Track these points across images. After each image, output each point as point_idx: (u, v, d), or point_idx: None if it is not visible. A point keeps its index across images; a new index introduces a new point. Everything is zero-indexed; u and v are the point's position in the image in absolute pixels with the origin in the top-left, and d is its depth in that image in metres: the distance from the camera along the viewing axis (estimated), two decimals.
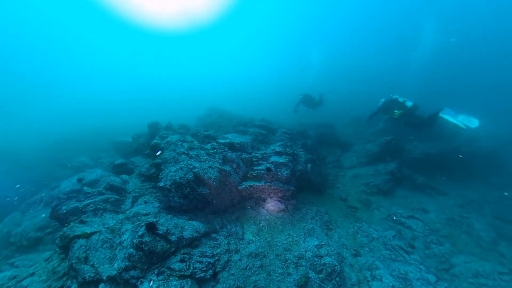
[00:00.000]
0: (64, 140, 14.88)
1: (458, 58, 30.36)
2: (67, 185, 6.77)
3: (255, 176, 6.03)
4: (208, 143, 7.01)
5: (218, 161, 5.86)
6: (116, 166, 7.30)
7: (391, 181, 8.66)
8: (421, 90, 19.30)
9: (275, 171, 6.09)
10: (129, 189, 6.27)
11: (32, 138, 15.87)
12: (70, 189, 6.63)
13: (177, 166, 5.50)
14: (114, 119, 21.00)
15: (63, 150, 13.77)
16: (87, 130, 16.66)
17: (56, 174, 11.74)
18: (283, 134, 9.38)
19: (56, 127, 18.70)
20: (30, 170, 11.97)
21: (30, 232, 6.93)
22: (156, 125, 8.96)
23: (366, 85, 24.86)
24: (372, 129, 12.26)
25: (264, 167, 6.17)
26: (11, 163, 12.42)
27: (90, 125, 18.08)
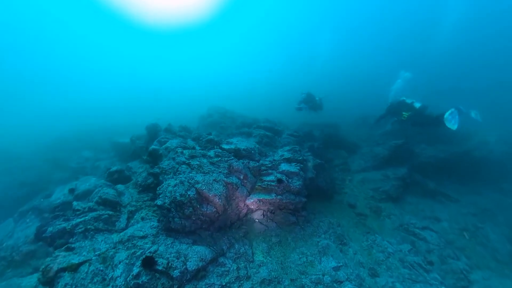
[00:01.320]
0: (63, 139, 13.89)
1: (471, 57, 28.61)
2: (58, 196, 5.93)
3: (264, 188, 5.22)
4: (211, 148, 6.14)
5: (223, 172, 5.01)
6: (111, 174, 6.43)
7: (401, 187, 7.92)
8: (431, 89, 18.06)
9: (287, 183, 5.27)
10: (124, 201, 5.44)
11: (31, 136, 14.82)
12: (61, 201, 5.79)
13: (177, 179, 4.65)
14: (115, 117, 19.84)
15: (62, 150, 12.82)
16: (87, 129, 15.61)
17: (53, 176, 10.87)
18: (289, 136, 8.50)
19: (56, 126, 17.57)
20: (27, 171, 11.07)
21: (21, 245, 6.13)
22: (155, 127, 8.02)
23: (373, 83, 23.45)
24: (380, 130, 11.40)
25: (274, 177, 5.34)
26: (8, 164, 11.51)
27: (90, 124, 17.00)
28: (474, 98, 18.70)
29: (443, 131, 9.16)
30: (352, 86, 26.43)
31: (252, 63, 52.16)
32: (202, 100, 21.53)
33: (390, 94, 10.93)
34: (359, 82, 28.62)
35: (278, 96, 23.20)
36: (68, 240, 4.44)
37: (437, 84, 23.62)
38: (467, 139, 9.56)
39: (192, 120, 13.40)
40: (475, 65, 27.98)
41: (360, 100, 18.44)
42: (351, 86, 26.48)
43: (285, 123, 11.39)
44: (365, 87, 24.81)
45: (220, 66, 53.71)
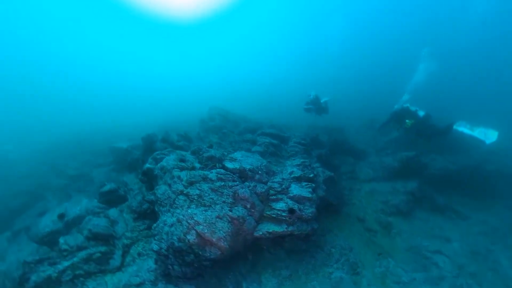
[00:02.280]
0: (61, 143, 13.06)
1: (480, 62, 25.80)
2: (47, 223, 5.23)
3: (274, 218, 4.48)
4: (212, 167, 5.32)
5: (227, 201, 4.25)
6: (104, 194, 5.70)
7: (411, 201, 7.23)
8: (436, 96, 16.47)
9: (299, 212, 4.52)
10: (118, 232, 4.75)
11: (29, 140, 14.00)
12: (50, 229, 5.10)
13: (174, 214, 3.91)
14: (117, 117, 18.79)
15: (60, 154, 12.05)
16: (87, 130, 14.70)
17: (52, 184, 10.18)
18: (296, 144, 7.62)
19: (56, 127, 16.66)
20: (24, 179, 10.37)
21: (14, 271, 5.61)
22: (151, 138, 7.15)
23: (382, 85, 21.49)
24: (386, 137, 10.49)
25: (284, 205, 4.58)
26: (5, 171, 10.82)
27: (90, 125, 16.07)
28: (490, 102, 17.09)
29: (449, 141, 8.66)
30: (359, 85, 24.46)
31: (256, 62, 49.19)
32: (206, 99, 20.25)
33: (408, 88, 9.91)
34: (368, 81, 26.49)
35: (282, 94, 21.77)
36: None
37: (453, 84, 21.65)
38: (476, 147, 8.78)
39: (195, 119, 12.43)
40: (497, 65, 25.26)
41: (368, 101, 17.03)
42: (359, 85, 24.50)
43: (291, 126, 10.45)
44: (374, 87, 22.99)
45: (223, 65, 50.92)
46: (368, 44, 37.11)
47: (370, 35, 37.84)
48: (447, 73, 21.22)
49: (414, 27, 33.48)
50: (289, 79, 31.85)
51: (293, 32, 46.42)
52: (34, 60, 40.32)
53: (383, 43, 35.90)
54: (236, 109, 12.80)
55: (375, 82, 25.28)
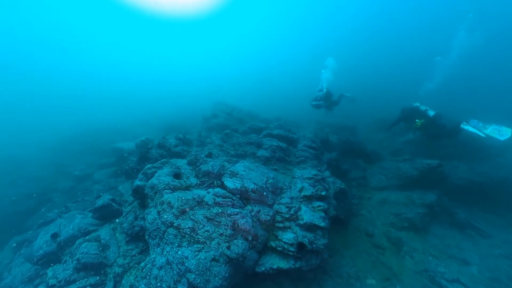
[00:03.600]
0: (68, 142, 12.81)
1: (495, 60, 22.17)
2: (40, 244, 4.82)
3: (280, 252, 3.73)
4: (210, 185, 4.56)
5: (225, 233, 3.51)
6: (97, 210, 5.17)
7: (428, 216, 6.27)
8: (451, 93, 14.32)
9: (310, 246, 3.72)
10: (110, 259, 4.23)
11: (37, 139, 13.88)
12: (43, 252, 4.70)
13: (164, 255, 3.24)
14: (122, 114, 18.20)
15: (67, 154, 11.83)
16: (91, 130, 14.29)
17: (58, 185, 10.02)
18: (306, 148, 6.62)
19: (63, 126, 16.42)
20: (31, 182, 10.27)
21: (18, 285, 5.44)
22: (146, 144, 6.42)
23: (397, 81, 19.01)
24: (402, 137, 9.13)
25: (293, 236, 3.77)
26: (14, 174, 10.78)
27: (96, 123, 15.65)
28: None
29: (474, 145, 7.73)
30: (374, 84, 21.79)
31: (263, 56, 45.82)
32: (209, 93, 19.06)
33: None
34: (383, 76, 23.58)
35: (290, 88, 19.98)
36: None
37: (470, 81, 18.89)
38: (499, 154, 7.45)
39: (200, 114, 11.58)
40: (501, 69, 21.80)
41: (382, 99, 15.04)
42: (374, 84, 21.85)
43: (299, 123, 9.34)
44: (390, 82, 20.43)
45: (229, 59, 48.07)
46: (384, 37, 33.31)
47: (387, 27, 33.75)
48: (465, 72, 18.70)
49: (432, 22, 29.27)
50: (297, 73, 29.50)
51: (301, 27, 42.45)
52: (40, 61, 39.92)
53: (399, 37, 32.03)
54: (243, 103, 11.73)
55: (392, 77, 22.68)
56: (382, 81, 21.69)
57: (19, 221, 8.48)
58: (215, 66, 44.23)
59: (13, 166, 11.21)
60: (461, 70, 15.20)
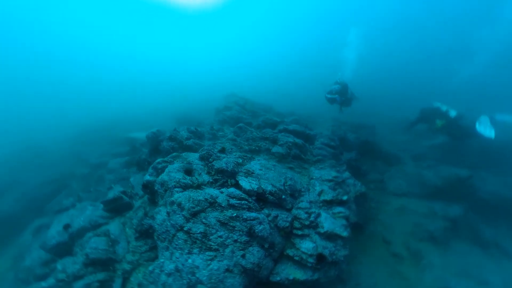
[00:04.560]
0: (85, 131, 12.97)
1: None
2: (53, 234, 4.72)
3: (296, 261, 3.31)
4: (223, 184, 4.15)
5: (240, 240, 3.11)
6: (108, 203, 4.96)
7: (450, 230, 5.68)
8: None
9: (330, 257, 3.26)
10: (119, 254, 4.01)
11: (59, 127, 14.16)
12: (56, 241, 4.60)
13: (173, 260, 2.90)
14: (137, 105, 18.16)
15: (85, 143, 11.97)
16: (108, 120, 14.35)
17: (76, 172, 10.16)
18: (324, 146, 6.02)
19: (82, 117, 16.63)
20: (52, 168, 10.47)
21: (36, 268, 5.48)
22: (157, 136, 6.11)
23: (423, 79, 17.16)
24: (428, 141, 8.25)
25: (312, 246, 3.32)
26: (36, 160, 11.06)
27: (112, 113, 15.70)
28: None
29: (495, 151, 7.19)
30: (397, 81, 19.81)
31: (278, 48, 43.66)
32: (224, 83, 18.42)
33: None
34: (408, 76, 21.35)
35: (304, 83, 18.82)
36: None
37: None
38: None
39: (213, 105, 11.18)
40: None
41: (406, 98, 13.56)
42: (396, 81, 19.89)
43: (314, 119, 8.66)
44: (413, 79, 18.51)
45: (241, 49, 46.45)
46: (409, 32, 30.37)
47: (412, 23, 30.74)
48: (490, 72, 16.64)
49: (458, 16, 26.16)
50: (313, 66, 27.83)
51: (316, 17, 39.86)
52: (61, 54, 40.67)
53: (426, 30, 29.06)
54: (255, 96, 11.13)
55: (415, 75, 20.62)
56: (405, 80, 19.93)
57: (40, 205, 8.66)
58: (227, 58, 43.22)
59: (35, 153, 11.49)
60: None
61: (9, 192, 9.24)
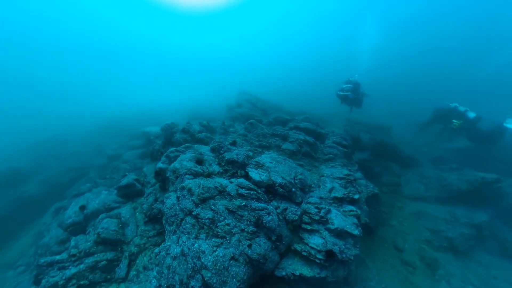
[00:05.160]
0: (104, 125, 13.62)
1: None
2: (70, 214, 4.93)
3: (304, 256, 3.15)
4: (233, 174, 4.11)
5: (247, 230, 3.03)
6: (122, 188, 5.10)
7: (474, 238, 5.18)
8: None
9: (340, 255, 3.07)
10: (128, 236, 4.07)
11: (81, 122, 14.99)
12: (72, 220, 4.78)
13: (179, 242, 2.88)
14: (152, 100, 18.81)
15: (103, 136, 12.55)
16: (124, 114, 14.97)
17: (94, 162, 10.63)
18: (336, 145, 5.81)
19: (101, 111, 17.47)
20: (73, 157, 11.04)
21: (52, 245, 5.73)
22: (171, 128, 6.22)
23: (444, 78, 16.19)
24: (449, 143, 7.74)
25: (321, 241, 3.16)
26: (59, 149, 11.71)
27: (129, 108, 16.37)
28: None
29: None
30: (415, 80, 18.76)
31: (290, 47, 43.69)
32: (235, 82, 18.60)
33: None
34: (425, 68, 20.25)
35: (316, 82, 18.48)
36: None
37: None
38: None
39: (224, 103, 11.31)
40: None
41: (424, 99, 12.74)
42: (415, 80, 18.83)
43: (326, 119, 8.42)
44: (434, 76, 17.47)
45: (253, 49, 47.00)
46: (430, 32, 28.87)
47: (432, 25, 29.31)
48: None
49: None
50: (324, 67, 27.27)
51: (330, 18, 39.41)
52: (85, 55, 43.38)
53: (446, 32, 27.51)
54: (267, 95, 11.09)
55: (437, 73, 19.45)
56: (424, 80, 18.85)
57: (60, 190, 9.12)
58: (238, 57, 43.78)
59: (58, 143, 12.16)
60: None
61: (34, 177, 9.80)
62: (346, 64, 19.08)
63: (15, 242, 7.75)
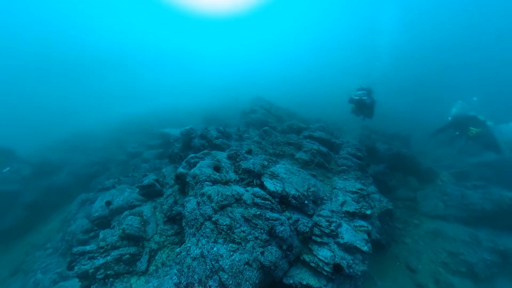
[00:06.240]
0: (126, 123, 14.48)
1: None
2: (97, 208, 5.36)
3: (312, 268, 3.26)
4: (249, 183, 4.30)
5: (261, 238, 3.20)
6: (143, 188, 5.47)
7: (498, 266, 4.83)
8: None
9: (347, 270, 3.15)
10: (148, 233, 4.39)
11: (105, 120, 16.05)
12: (99, 214, 5.20)
13: (199, 245, 3.11)
14: (172, 102, 19.65)
15: (125, 133, 13.35)
16: (145, 114, 15.80)
17: (116, 158, 11.33)
18: (350, 157, 5.83)
19: (124, 109, 18.60)
20: (97, 152, 11.87)
21: (78, 234, 6.26)
22: (190, 133, 6.55)
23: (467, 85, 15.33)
24: (473, 157, 7.38)
25: (330, 254, 3.25)
26: (86, 144, 12.65)
27: (149, 109, 17.24)
28: None
29: None
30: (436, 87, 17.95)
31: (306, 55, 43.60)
32: (248, 88, 18.95)
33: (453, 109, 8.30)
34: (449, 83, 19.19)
35: (332, 90, 18.25)
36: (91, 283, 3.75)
37: None
38: None
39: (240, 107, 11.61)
40: None
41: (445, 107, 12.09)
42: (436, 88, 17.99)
43: (340, 126, 8.39)
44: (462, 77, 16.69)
45: (266, 55, 47.45)
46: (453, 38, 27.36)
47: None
48: None
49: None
50: (340, 73, 26.83)
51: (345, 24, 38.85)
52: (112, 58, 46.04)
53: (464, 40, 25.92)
54: (281, 101, 11.23)
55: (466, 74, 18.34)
56: (450, 81, 17.79)
57: (86, 182, 9.84)
58: (254, 63, 44.27)
59: (85, 139, 13.10)
60: None
61: (63, 169, 10.64)
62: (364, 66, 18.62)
63: (44, 226, 8.47)
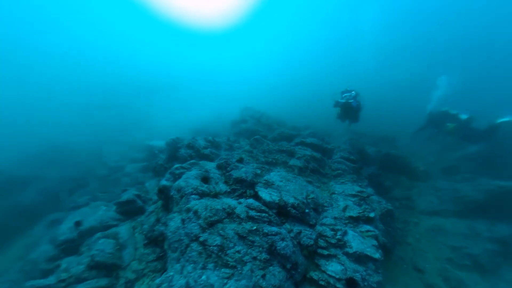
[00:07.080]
0: (107, 136, 13.39)
1: None
2: (64, 230, 4.48)
3: (322, 286, 2.76)
4: (241, 194, 3.79)
5: (260, 257, 2.65)
6: (121, 204, 4.72)
7: (500, 255, 4.73)
8: None
9: (362, 284, 2.69)
10: (125, 260, 3.62)
11: (84, 131, 14.78)
12: (65, 237, 4.34)
13: (183, 275, 2.49)
14: (159, 113, 18.74)
15: (105, 145, 12.25)
16: (127, 126, 14.82)
17: (95, 173, 10.21)
18: (343, 160, 5.58)
19: (104, 121, 17.34)
20: (76, 167, 10.65)
21: (41, 262, 5.16)
22: (176, 143, 5.99)
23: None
24: (455, 152, 7.59)
25: (340, 268, 2.79)
26: (63, 159, 11.33)
27: (135, 120, 16.24)
28: None
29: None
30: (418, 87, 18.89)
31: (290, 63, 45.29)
32: (240, 98, 18.71)
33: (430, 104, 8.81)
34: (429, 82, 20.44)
35: (317, 97, 18.51)
36: None
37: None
38: None
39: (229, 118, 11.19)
40: None
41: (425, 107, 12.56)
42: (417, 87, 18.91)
43: (329, 132, 8.26)
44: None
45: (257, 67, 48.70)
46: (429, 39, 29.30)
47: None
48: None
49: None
50: (324, 82, 27.83)
51: (326, 30, 41.52)
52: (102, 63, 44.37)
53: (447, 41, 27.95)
54: (270, 110, 11.05)
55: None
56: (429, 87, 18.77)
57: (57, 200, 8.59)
58: (242, 73, 44.91)
59: (60, 152, 11.80)
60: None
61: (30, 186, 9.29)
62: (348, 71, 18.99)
63: (2, 253, 7.06)
